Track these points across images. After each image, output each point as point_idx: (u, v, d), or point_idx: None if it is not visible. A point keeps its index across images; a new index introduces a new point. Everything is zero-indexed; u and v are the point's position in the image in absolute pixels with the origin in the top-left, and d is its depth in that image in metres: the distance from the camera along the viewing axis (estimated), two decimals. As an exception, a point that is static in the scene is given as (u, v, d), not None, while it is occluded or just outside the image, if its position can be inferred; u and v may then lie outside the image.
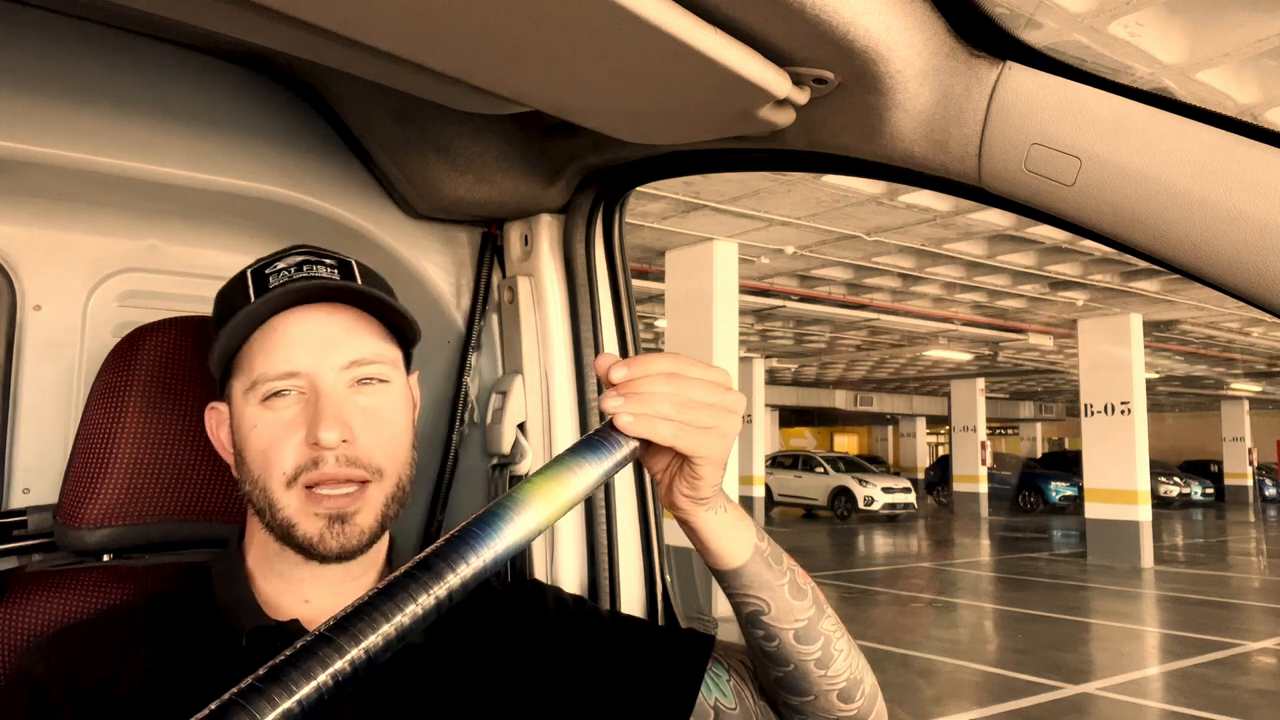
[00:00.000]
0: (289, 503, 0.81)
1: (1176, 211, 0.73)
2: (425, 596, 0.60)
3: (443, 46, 0.81)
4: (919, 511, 22.53)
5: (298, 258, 0.88)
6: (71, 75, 1.11)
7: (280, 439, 0.81)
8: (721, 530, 0.81)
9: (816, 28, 0.74)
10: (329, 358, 0.83)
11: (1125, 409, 13.44)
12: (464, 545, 0.63)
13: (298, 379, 0.82)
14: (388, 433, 0.85)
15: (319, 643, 0.57)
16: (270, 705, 0.54)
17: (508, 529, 0.64)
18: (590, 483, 0.69)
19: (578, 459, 0.70)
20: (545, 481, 0.68)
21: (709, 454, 0.75)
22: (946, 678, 7.08)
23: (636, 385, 0.72)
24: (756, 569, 0.83)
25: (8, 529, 1.14)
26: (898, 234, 8.72)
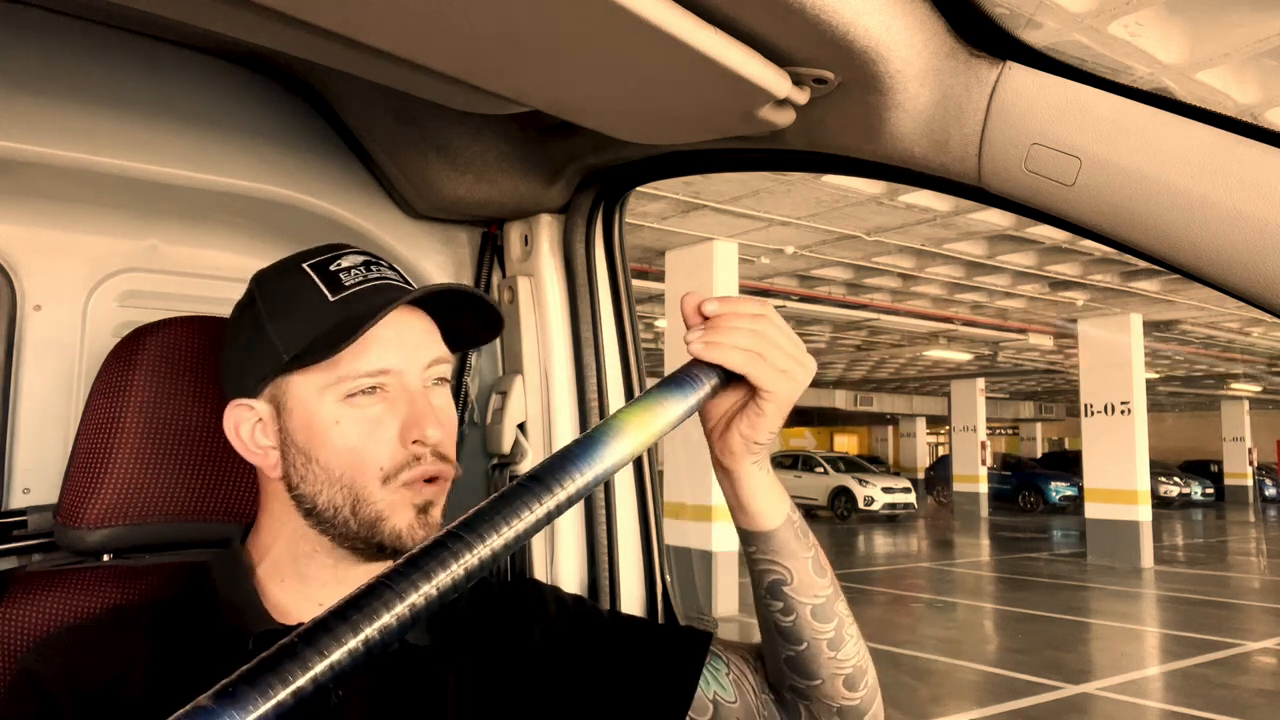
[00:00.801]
0: (384, 499, 0.82)
1: (1176, 211, 0.74)
2: (538, 505, 0.64)
3: (443, 46, 0.81)
4: (919, 511, 22.54)
5: (357, 257, 0.89)
6: (71, 75, 1.11)
7: (372, 436, 0.82)
8: (762, 490, 0.84)
9: (816, 28, 0.74)
10: (417, 357, 0.85)
11: (1125, 409, 13.45)
12: (569, 462, 0.67)
13: (388, 376, 0.83)
14: (453, 429, 0.89)
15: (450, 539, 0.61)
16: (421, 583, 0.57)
17: (606, 451, 0.69)
18: (676, 415, 0.73)
19: (663, 394, 0.74)
20: (637, 412, 0.72)
21: (777, 390, 0.78)
22: (946, 678, 7.08)
23: (719, 320, 0.77)
24: (786, 536, 0.85)
25: (8, 529, 1.14)
26: (898, 234, 8.72)
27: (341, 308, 0.83)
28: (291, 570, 0.87)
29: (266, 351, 0.84)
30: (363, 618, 0.56)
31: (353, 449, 0.82)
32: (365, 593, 0.57)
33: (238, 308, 0.90)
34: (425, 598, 0.58)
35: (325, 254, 0.88)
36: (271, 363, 0.84)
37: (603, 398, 1.36)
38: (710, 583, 9.03)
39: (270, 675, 0.53)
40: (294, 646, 0.54)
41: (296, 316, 0.83)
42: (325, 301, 0.83)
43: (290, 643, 0.55)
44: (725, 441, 0.82)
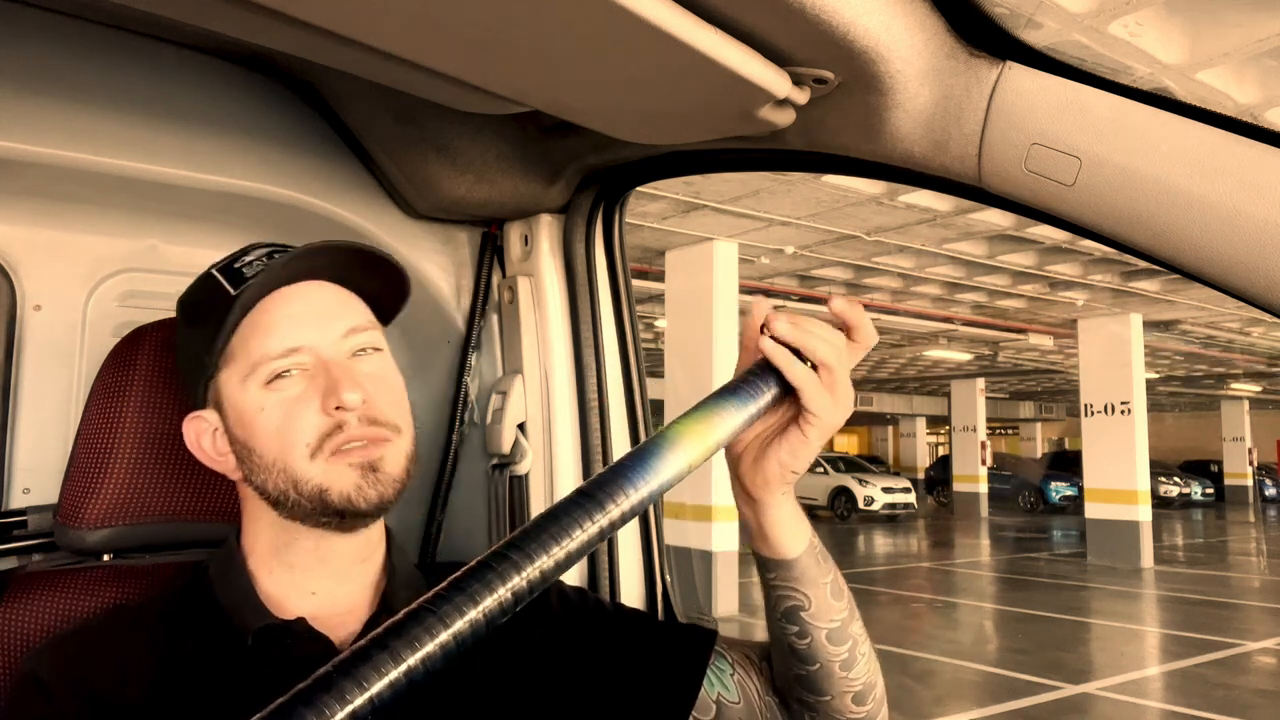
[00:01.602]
0: (316, 471, 0.81)
1: (1176, 211, 0.74)
2: (589, 523, 0.62)
3: (443, 46, 0.81)
4: (919, 511, 22.53)
5: (263, 249, 0.88)
6: (71, 75, 1.11)
7: (295, 414, 0.82)
8: (787, 519, 0.82)
9: (816, 28, 0.74)
10: (328, 329, 0.84)
11: (1125, 409, 13.44)
12: (622, 478, 0.64)
13: (301, 354, 0.83)
14: (395, 393, 0.87)
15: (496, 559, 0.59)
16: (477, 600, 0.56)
17: (662, 465, 0.66)
18: (736, 425, 0.71)
19: (721, 403, 0.72)
20: (694, 423, 0.70)
21: (825, 416, 0.76)
22: (947, 678, 7.08)
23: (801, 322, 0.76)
24: (807, 564, 0.83)
25: (8, 529, 1.14)
26: (898, 234, 8.72)
27: (247, 296, 0.83)
28: (277, 561, 0.87)
29: (196, 361, 0.86)
30: (403, 645, 0.55)
31: (279, 430, 0.82)
32: (408, 619, 0.56)
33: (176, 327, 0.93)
34: (471, 624, 0.56)
35: (233, 257, 0.89)
36: (201, 371, 0.86)
37: (603, 398, 1.36)
38: (710, 583, 9.03)
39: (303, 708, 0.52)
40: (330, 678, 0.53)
41: (209, 320, 0.84)
42: (228, 297, 0.84)
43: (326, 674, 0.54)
44: (760, 470, 0.79)
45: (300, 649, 0.82)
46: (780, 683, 0.92)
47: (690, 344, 9.46)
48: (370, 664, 0.54)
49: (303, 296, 0.85)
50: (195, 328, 0.87)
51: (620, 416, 1.39)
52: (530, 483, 1.37)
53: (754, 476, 0.80)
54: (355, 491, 0.82)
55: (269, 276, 0.83)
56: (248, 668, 0.82)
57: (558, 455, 1.35)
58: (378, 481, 0.82)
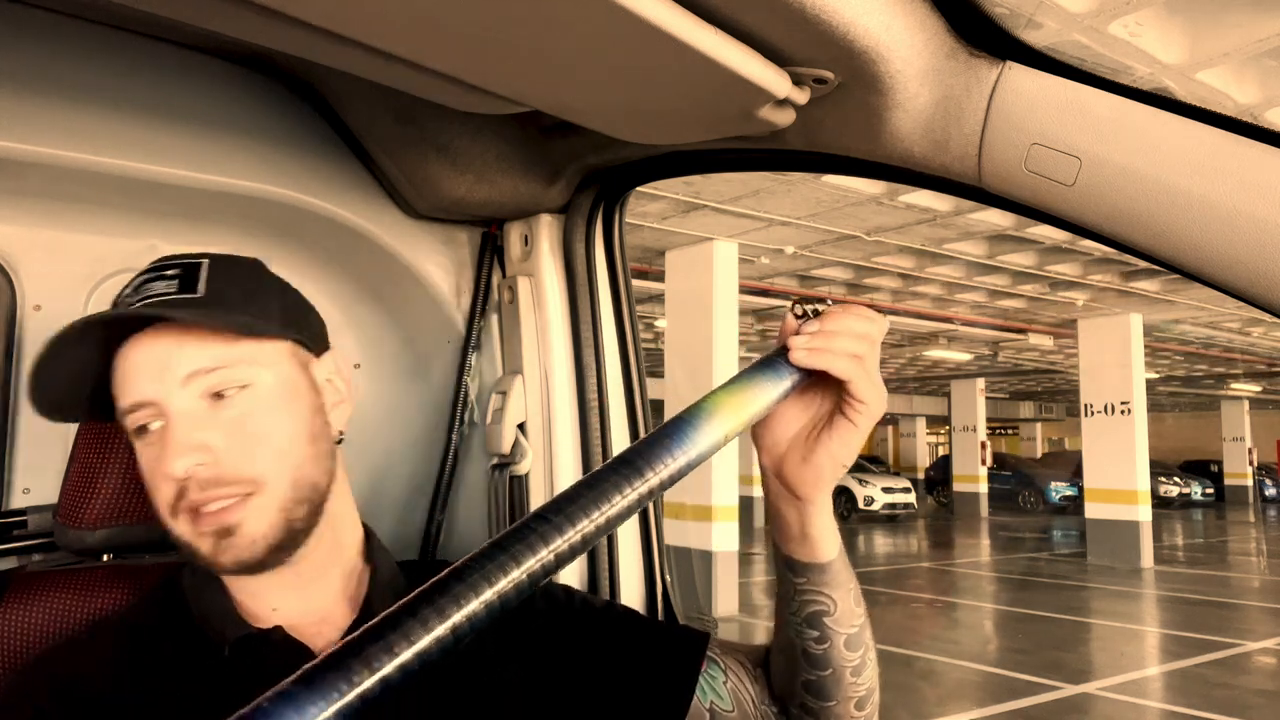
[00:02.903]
0: (181, 529, 0.78)
1: (1176, 211, 0.73)
2: (629, 490, 0.62)
3: (443, 46, 0.81)
4: (919, 511, 22.53)
5: (141, 276, 0.84)
6: (71, 75, 1.11)
7: (150, 472, 0.79)
8: (826, 519, 0.81)
9: (816, 28, 0.74)
10: (166, 378, 0.78)
11: (1125, 409, 13.44)
12: (659, 446, 0.65)
13: (146, 410, 0.78)
14: (259, 440, 0.79)
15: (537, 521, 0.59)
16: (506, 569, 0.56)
17: (699, 435, 0.66)
18: (769, 399, 0.72)
19: (753, 378, 0.72)
20: (728, 395, 0.70)
21: (870, 403, 0.75)
22: (947, 678, 7.08)
23: (828, 322, 0.75)
24: (839, 567, 0.82)
25: (8, 529, 1.14)
26: (898, 234, 8.72)
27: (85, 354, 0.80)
28: (230, 578, 0.85)
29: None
30: (449, 601, 0.55)
31: (148, 488, 0.80)
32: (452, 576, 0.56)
33: None
34: (515, 584, 0.56)
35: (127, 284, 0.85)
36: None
37: (603, 398, 1.36)
38: (710, 583, 9.02)
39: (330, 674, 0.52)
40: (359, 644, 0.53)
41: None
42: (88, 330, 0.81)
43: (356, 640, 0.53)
44: (811, 466, 0.78)
45: (279, 658, 0.80)
46: (782, 689, 0.90)
47: (690, 344, 9.45)
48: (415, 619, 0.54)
49: (144, 341, 0.79)
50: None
51: (620, 416, 1.39)
52: (530, 483, 1.37)
53: (803, 474, 0.78)
54: (210, 556, 0.78)
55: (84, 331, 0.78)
56: (227, 678, 0.80)
57: (558, 455, 1.35)
58: (232, 546, 0.77)
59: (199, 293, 0.82)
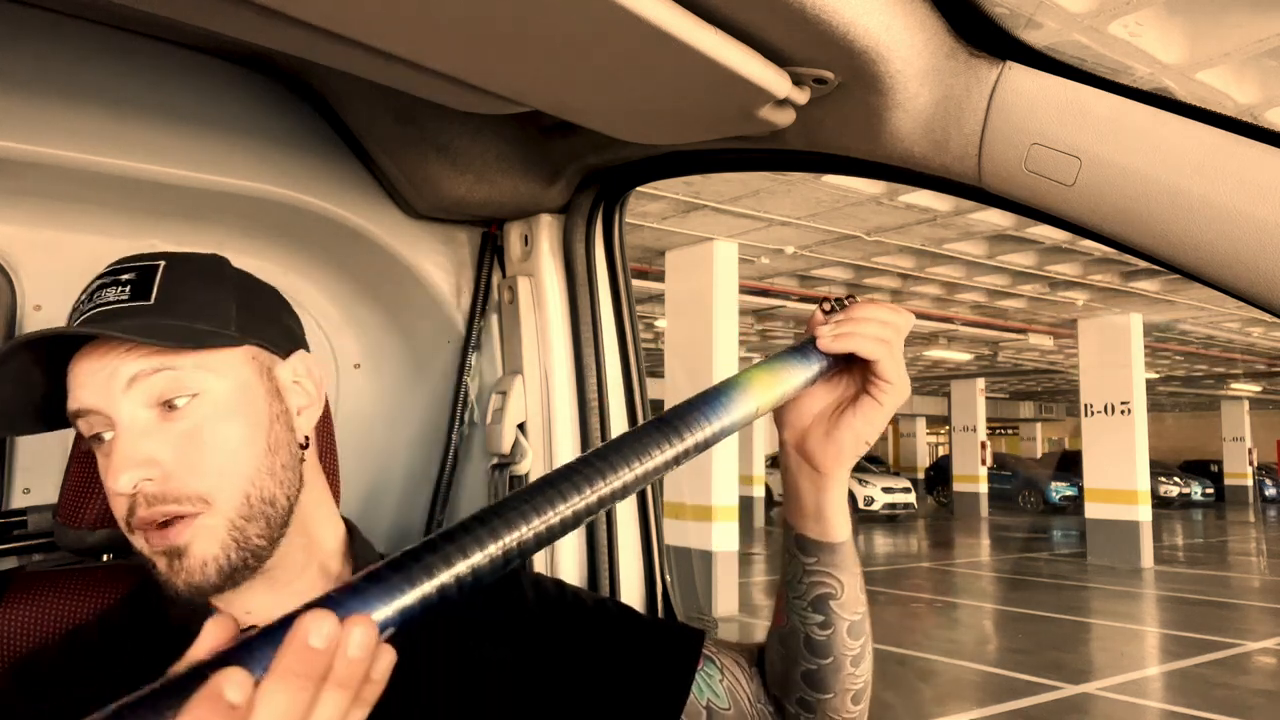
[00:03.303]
0: (137, 544, 0.76)
1: (1176, 211, 0.74)
2: (667, 447, 0.65)
3: (443, 46, 0.81)
4: (919, 511, 22.53)
5: (96, 282, 0.81)
6: (71, 75, 1.11)
7: (105, 484, 0.76)
8: (840, 499, 0.83)
9: (816, 28, 0.74)
10: (110, 386, 0.74)
11: (1125, 409, 13.44)
12: (696, 410, 0.68)
13: (94, 418, 0.75)
14: (211, 454, 0.75)
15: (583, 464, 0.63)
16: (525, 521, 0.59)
17: (734, 405, 0.70)
18: (800, 381, 0.76)
19: (785, 360, 0.76)
20: (762, 373, 0.74)
21: (897, 382, 0.78)
22: (947, 678, 7.08)
23: (853, 312, 0.78)
24: (850, 549, 0.85)
25: (8, 529, 1.14)
26: (898, 234, 8.72)
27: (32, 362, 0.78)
28: None
29: None
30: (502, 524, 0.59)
31: (107, 495, 0.77)
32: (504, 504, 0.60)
33: None
34: (561, 517, 0.60)
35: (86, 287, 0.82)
36: None
37: (603, 398, 1.36)
38: (710, 583, 9.02)
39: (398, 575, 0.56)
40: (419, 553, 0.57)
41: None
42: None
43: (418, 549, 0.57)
44: (834, 441, 0.81)
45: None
46: (778, 685, 0.90)
47: (690, 344, 9.45)
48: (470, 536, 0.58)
49: (89, 355, 0.76)
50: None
51: (620, 416, 1.39)
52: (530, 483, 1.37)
53: (826, 449, 0.81)
54: (165, 577, 0.74)
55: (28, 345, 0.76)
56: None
57: (558, 455, 1.35)
58: (183, 569, 0.73)
59: (150, 300, 0.78)
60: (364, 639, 0.53)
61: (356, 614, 0.53)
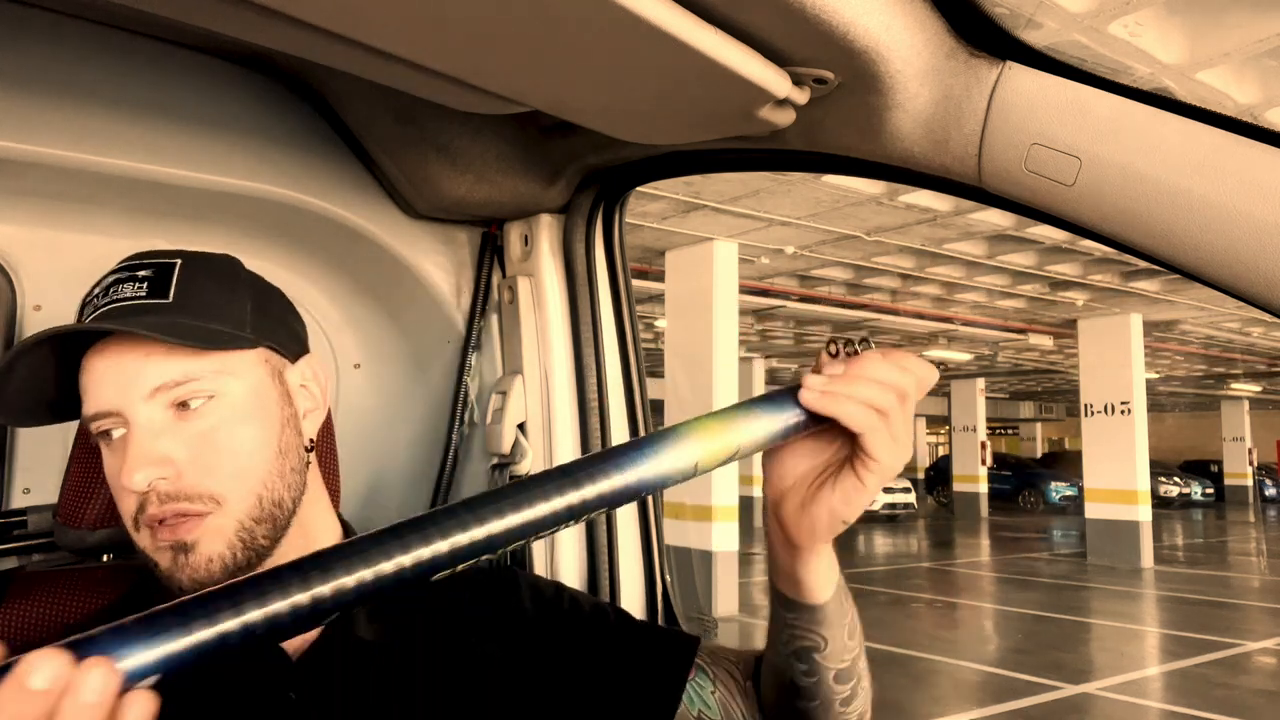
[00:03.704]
0: (142, 541, 0.76)
1: (1176, 211, 0.73)
2: (559, 497, 0.59)
3: (443, 46, 0.81)
4: (919, 511, 22.53)
5: (111, 277, 0.81)
6: (71, 75, 1.11)
7: (113, 481, 0.77)
8: (824, 565, 0.75)
9: (816, 28, 0.74)
10: (130, 391, 0.75)
11: (1125, 409, 13.44)
12: (607, 461, 0.61)
13: (110, 418, 0.76)
14: (226, 456, 0.76)
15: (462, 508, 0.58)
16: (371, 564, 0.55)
17: (659, 458, 0.62)
18: (758, 436, 0.65)
19: (751, 410, 0.66)
20: (714, 422, 0.65)
21: (885, 461, 0.68)
22: (947, 678, 7.08)
23: (851, 368, 0.68)
24: (833, 607, 0.77)
25: (8, 529, 1.14)
26: (898, 234, 8.72)
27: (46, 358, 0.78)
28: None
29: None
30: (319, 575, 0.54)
31: (113, 493, 0.78)
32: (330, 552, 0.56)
33: None
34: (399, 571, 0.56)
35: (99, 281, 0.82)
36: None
37: (603, 398, 1.36)
38: (710, 583, 9.02)
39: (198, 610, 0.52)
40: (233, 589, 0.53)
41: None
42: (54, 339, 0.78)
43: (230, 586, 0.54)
44: (808, 515, 0.72)
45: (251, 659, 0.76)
46: (770, 709, 0.89)
47: (690, 344, 9.45)
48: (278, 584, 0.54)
49: (109, 351, 0.76)
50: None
51: (620, 416, 1.39)
52: (530, 483, 1.37)
53: (799, 521, 0.72)
54: (169, 573, 0.76)
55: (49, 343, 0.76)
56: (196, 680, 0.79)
57: (558, 455, 1.35)
58: (188, 564, 0.74)
59: (168, 298, 0.78)
60: (101, 684, 0.49)
61: (99, 656, 0.49)
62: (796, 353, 17.90)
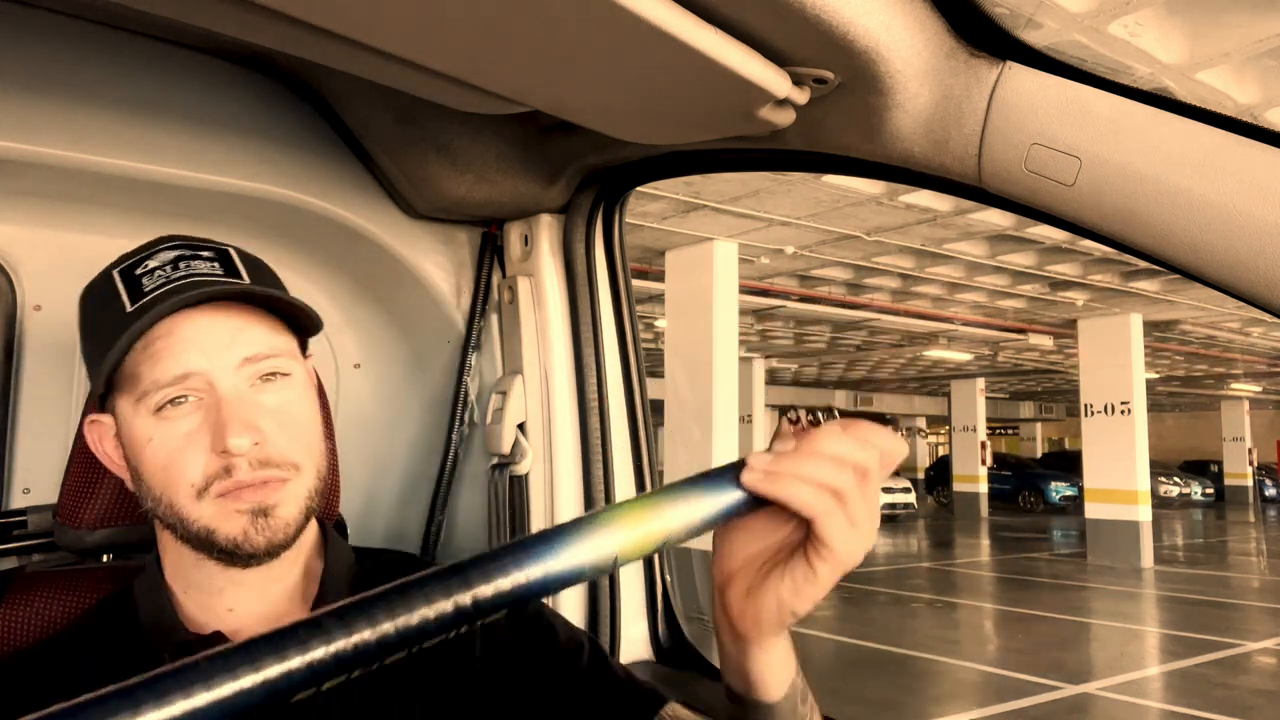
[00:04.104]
0: (203, 512, 0.76)
1: (1176, 211, 0.73)
2: (443, 600, 0.53)
3: (443, 46, 0.81)
4: (919, 511, 22.53)
5: (171, 253, 0.81)
6: (71, 75, 1.11)
7: (182, 450, 0.76)
8: (776, 660, 0.67)
9: (816, 28, 0.74)
10: (222, 357, 0.77)
11: (1125, 409, 13.44)
12: (506, 557, 0.54)
13: (191, 380, 0.76)
14: (299, 427, 0.81)
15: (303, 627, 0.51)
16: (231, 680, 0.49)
17: (568, 550, 0.55)
18: (690, 522, 0.58)
19: (691, 490, 0.59)
20: (638, 508, 0.58)
21: (841, 550, 0.60)
22: (947, 678, 7.08)
23: (804, 444, 0.61)
24: (786, 709, 0.69)
25: (8, 529, 1.14)
26: (898, 234, 8.72)
27: (134, 319, 0.77)
28: (188, 580, 0.83)
29: (93, 371, 0.81)
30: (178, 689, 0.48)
31: (164, 468, 0.77)
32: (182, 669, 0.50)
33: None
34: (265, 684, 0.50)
35: (138, 254, 0.83)
36: (98, 385, 0.80)
37: (603, 398, 1.36)
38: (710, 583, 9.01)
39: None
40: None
41: (101, 334, 0.79)
42: (123, 313, 0.78)
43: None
44: (753, 603, 0.64)
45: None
46: None
47: (690, 344, 9.45)
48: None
49: (200, 321, 0.77)
50: (89, 339, 0.82)
51: (620, 416, 1.39)
52: (530, 483, 1.37)
53: (744, 609, 0.65)
54: (242, 536, 0.77)
55: (164, 307, 0.76)
56: None
57: (558, 455, 1.35)
58: (267, 527, 0.77)
59: (244, 278, 0.81)
60: None
61: None
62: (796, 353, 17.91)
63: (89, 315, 0.85)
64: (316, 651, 0.51)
